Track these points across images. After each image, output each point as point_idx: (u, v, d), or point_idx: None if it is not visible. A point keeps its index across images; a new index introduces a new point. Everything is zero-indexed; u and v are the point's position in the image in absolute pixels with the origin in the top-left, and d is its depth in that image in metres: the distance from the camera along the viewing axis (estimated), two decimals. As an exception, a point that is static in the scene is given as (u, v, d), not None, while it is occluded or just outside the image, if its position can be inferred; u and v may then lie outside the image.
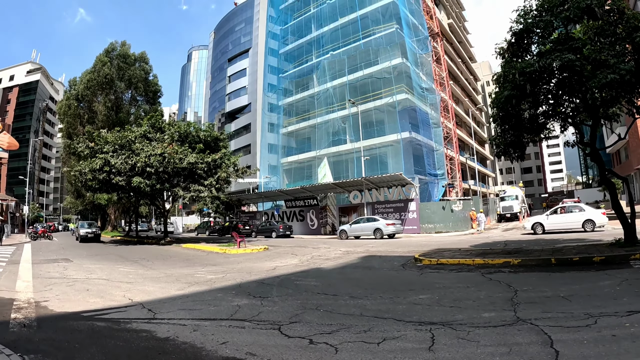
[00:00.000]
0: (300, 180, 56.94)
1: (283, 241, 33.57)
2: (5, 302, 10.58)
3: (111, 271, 16.85)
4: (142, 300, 10.40)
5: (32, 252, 28.75)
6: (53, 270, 17.36)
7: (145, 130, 35.29)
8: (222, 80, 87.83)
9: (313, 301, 9.66)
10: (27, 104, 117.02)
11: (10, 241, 42.79)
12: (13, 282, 14.30)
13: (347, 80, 53.28)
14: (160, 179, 32.32)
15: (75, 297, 11.24)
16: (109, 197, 49.40)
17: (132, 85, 62.10)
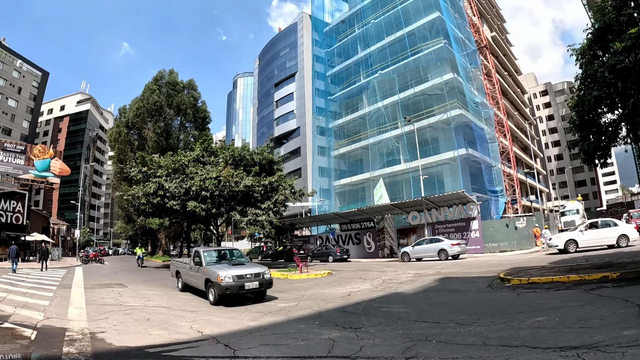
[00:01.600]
0: (354, 203, 55.46)
1: (342, 265, 31.99)
2: (56, 333, 9.52)
3: (170, 298, 15.79)
4: (214, 333, 9.15)
5: (84, 276, 28.20)
6: (107, 296, 16.45)
7: (198, 154, 34.63)
8: (270, 105, 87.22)
9: (417, 331, 8.37)
10: (77, 132, 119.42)
11: (61, 264, 42.56)
12: (64, 308, 13.30)
13: (399, 99, 51.94)
14: (215, 202, 31.34)
15: (136, 328, 10.08)
16: (160, 221, 49.11)
17: (181, 112, 62.20)
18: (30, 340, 8.82)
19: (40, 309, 13.07)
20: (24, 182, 52.73)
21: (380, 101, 54.51)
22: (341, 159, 62.18)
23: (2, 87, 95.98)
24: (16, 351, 8.27)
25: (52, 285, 20.61)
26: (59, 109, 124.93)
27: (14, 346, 8.65)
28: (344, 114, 62.40)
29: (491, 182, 48.23)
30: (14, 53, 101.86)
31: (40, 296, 16.18)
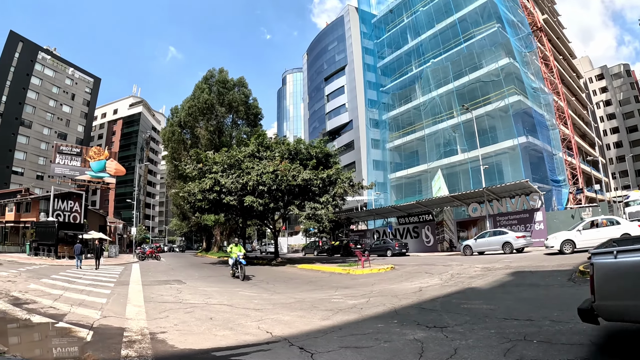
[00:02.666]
0: (411, 196, 54.41)
1: (402, 260, 30.96)
2: (114, 333, 8.95)
3: (231, 295, 15.12)
4: (285, 334, 8.39)
5: (141, 272, 28.06)
6: (166, 293, 15.99)
7: (253, 149, 34.23)
8: (320, 99, 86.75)
9: (510, 329, 7.51)
10: (131, 134, 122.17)
11: (118, 261, 43.15)
12: (122, 306, 12.82)
13: (454, 87, 50.70)
14: (273, 197, 30.90)
15: (199, 328, 9.39)
16: (216, 218, 49.27)
17: (233, 109, 62.34)
18: (86, 341, 8.33)
19: (97, 307, 12.66)
20: (80, 183, 53.95)
21: (434, 90, 53.39)
22: (396, 151, 61.17)
23: (56, 94, 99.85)
24: (71, 354, 7.85)
25: (110, 282, 20.42)
26: (112, 112, 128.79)
27: (68, 348, 8.21)
28: (397, 105, 61.37)
29: (553, 171, 46.47)
30: (66, 61, 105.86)
31: (98, 293, 15.89)
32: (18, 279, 20.21)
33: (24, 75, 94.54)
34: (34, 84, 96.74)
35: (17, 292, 15.58)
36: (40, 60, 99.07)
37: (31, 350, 8.24)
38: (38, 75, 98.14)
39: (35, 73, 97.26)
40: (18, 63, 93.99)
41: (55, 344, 8.54)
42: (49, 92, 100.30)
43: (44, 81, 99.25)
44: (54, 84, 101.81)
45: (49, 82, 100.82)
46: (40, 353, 8.10)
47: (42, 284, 18.85)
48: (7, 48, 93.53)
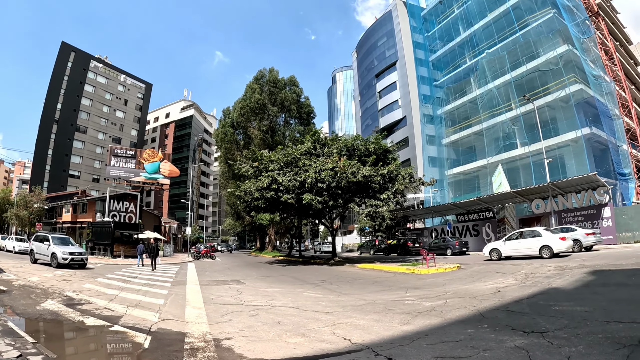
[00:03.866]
0: (469, 192, 53.07)
1: (464, 259, 29.79)
2: (174, 339, 8.35)
3: (295, 297, 14.38)
4: (366, 341, 7.57)
5: (197, 272, 27.74)
6: (226, 294, 15.36)
7: (309, 147, 33.59)
8: (372, 96, 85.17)
9: (620, 333, 6.72)
10: (183, 137, 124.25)
11: (173, 260, 43.52)
12: (181, 308, 12.25)
13: (511, 78, 48.89)
14: (332, 194, 30.11)
15: (267, 334, 8.61)
16: (271, 217, 49.05)
17: (285, 108, 62.04)
18: (143, 348, 7.74)
19: (154, 308, 12.19)
20: (135, 185, 54.90)
21: (490, 82, 51.68)
22: (452, 147, 59.61)
23: (109, 100, 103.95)
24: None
25: (166, 282, 20.12)
26: (164, 116, 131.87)
27: (123, 357, 7.71)
28: (451, 99, 59.84)
29: (619, 164, 44.29)
30: (117, 69, 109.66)
31: (154, 294, 15.49)
32: (73, 278, 20.06)
33: (78, 83, 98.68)
34: (87, 92, 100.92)
35: (72, 291, 15.28)
36: (92, 68, 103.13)
37: (83, 357, 7.81)
38: (91, 83, 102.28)
39: (88, 81, 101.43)
40: (71, 72, 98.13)
41: (110, 351, 8.01)
42: (102, 98, 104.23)
43: (97, 88, 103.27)
44: (107, 90, 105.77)
45: (102, 89, 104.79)
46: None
47: (97, 283, 18.66)
48: (60, 58, 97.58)
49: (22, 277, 19.47)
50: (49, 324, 9.84)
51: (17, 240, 45.08)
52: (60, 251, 25.63)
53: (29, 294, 14.34)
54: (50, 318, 10.33)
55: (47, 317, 10.38)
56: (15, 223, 68.00)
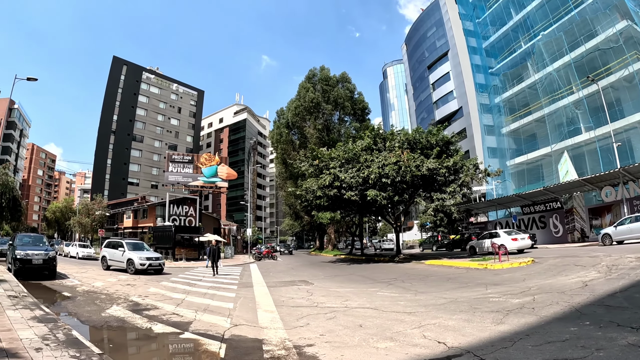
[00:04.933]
0: (534, 182, 50.89)
1: (535, 253, 27.95)
2: (251, 346, 7.76)
3: (370, 296, 13.59)
4: (462, 344, 6.88)
5: (262, 273, 27.28)
6: (296, 296, 14.74)
7: (369, 142, 32.57)
8: (426, 89, 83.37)
9: None
10: (237, 140, 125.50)
11: (234, 262, 43.34)
12: (253, 312, 11.67)
13: (570, 59, 46.37)
14: (397, 189, 29.11)
15: (351, 338, 7.89)
16: (332, 215, 48.43)
17: (339, 106, 61.57)
18: (219, 357, 7.16)
19: (224, 312, 11.63)
20: (193, 189, 55.78)
21: (549, 65, 49.30)
22: (513, 136, 57.37)
23: (163, 109, 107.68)
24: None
25: (232, 284, 19.64)
26: (217, 121, 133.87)
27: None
28: (508, 86, 57.62)
29: (692, 146, 41.59)
30: (169, 78, 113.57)
31: (222, 297, 14.96)
32: (137, 283, 19.91)
33: (132, 94, 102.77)
34: (141, 102, 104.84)
35: (137, 296, 15.01)
36: (145, 79, 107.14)
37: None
38: (144, 94, 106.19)
39: (141, 92, 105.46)
40: (125, 84, 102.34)
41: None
42: (156, 107, 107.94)
43: (150, 98, 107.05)
44: (160, 99, 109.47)
45: (155, 98, 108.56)
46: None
47: (162, 287, 18.38)
48: (113, 72, 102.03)
49: (86, 283, 19.44)
50: (115, 332, 9.44)
51: (81, 247, 46.43)
52: (137, 257, 25.21)
53: (93, 299, 14.10)
54: (116, 325, 9.95)
55: (113, 325, 9.99)
56: (78, 230, 70.59)
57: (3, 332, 7.68)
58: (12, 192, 53.86)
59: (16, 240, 22.52)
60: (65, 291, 16.33)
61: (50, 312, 10.35)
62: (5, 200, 51.39)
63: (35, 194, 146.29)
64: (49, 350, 6.61)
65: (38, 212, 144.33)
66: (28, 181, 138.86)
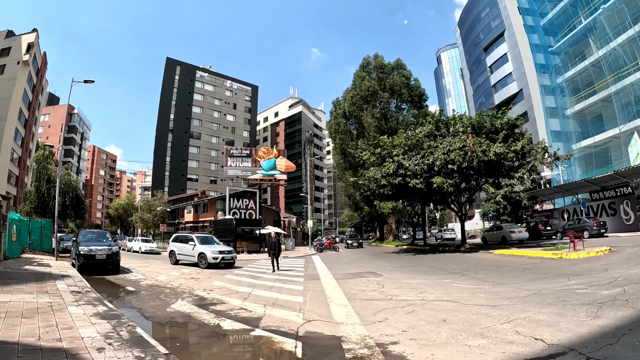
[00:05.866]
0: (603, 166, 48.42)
1: (606, 241, 26.35)
2: (329, 345, 7.19)
3: (445, 288, 12.87)
4: (562, 341, 6.21)
5: (326, 265, 26.72)
6: (367, 288, 14.04)
7: (431, 128, 31.35)
8: (483, 72, 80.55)
9: None
10: (293, 133, 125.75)
11: (296, 254, 43.20)
12: (325, 306, 11.06)
13: (635, 33, 43.36)
14: (463, 176, 27.99)
15: (437, 335, 7.23)
16: (393, 205, 47.65)
17: (395, 93, 60.17)
18: (295, 357, 6.61)
19: (295, 307, 11.08)
20: (252, 182, 56.12)
21: (613, 40, 46.62)
22: (577, 118, 54.75)
23: (218, 106, 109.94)
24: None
25: (298, 277, 19.12)
26: (273, 115, 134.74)
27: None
28: (570, 65, 55.12)
29: None
30: (223, 75, 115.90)
31: (290, 290, 14.45)
32: (201, 276, 19.71)
33: (187, 93, 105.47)
34: (197, 100, 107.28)
35: (201, 290, 14.65)
36: (199, 78, 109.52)
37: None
38: (199, 92, 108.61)
39: (196, 90, 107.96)
40: (179, 84, 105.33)
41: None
42: (211, 105, 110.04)
43: (205, 96, 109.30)
44: (215, 97, 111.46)
45: (210, 96, 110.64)
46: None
47: (226, 280, 18.02)
48: (167, 72, 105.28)
49: (149, 277, 19.45)
50: (182, 328, 9.12)
51: (143, 242, 47.68)
52: (210, 251, 24.65)
53: (157, 294, 13.88)
54: (182, 321, 9.62)
55: (178, 321, 9.66)
56: (140, 225, 72.74)
57: (64, 331, 7.40)
58: (75, 191, 56.04)
59: (80, 236, 22.97)
60: (128, 285, 16.30)
61: (113, 308, 10.10)
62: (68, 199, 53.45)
63: (98, 193, 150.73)
64: (111, 350, 6.26)
65: (101, 209, 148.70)
66: (91, 181, 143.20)
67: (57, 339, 6.75)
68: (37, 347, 6.23)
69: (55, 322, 8.15)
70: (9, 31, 66.86)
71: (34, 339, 6.72)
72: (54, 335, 7.03)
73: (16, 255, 26.02)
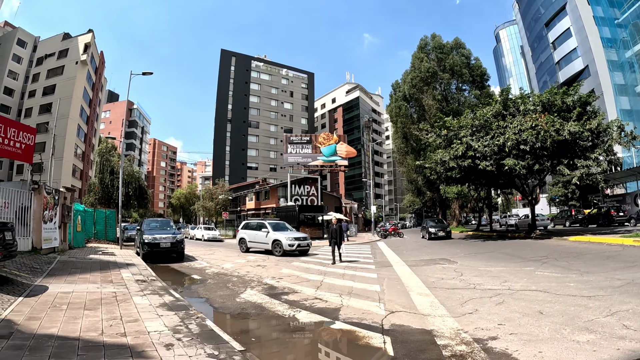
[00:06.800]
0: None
1: None
2: (421, 340, 6.47)
3: (529, 277, 12.01)
4: None
5: (393, 251, 25.82)
6: (445, 276, 13.22)
7: (499, 107, 29.75)
8: (545, 49, 76.58)
9: None
10: (352, 119, 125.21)
11: (359, 240, 42.74)
12: (405, 295, 10.29)
13: None
14: (537, 157, 26.50)
15: (539, 330, 6.47)
16: (459, 189, 46.98)
17: (455, 74, 58.66)
18: (387, 355, 5.90)
19: (373, 296, 10.35)
20: (313, 169, 56.00)
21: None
22: (649, 94, 51.76)
23: (275, 94, 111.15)
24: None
25: (368, 264, 18.31)
26: (330, 102, 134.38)
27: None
28: (638, 38, 52.19)
29: None
30: (278, 64, 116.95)
31: (363, 278, 13.69)
32: (267, 263, 19.33)
33: (243, 83, 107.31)
34: (253, 90, 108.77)
35: (270, 278, 14.20)
36: (254, 68, 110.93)
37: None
38: (255, 81, 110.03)
39: (252, 80, 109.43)
40: (235, 74, 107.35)
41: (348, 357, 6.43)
42: (268, 93, 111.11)
43: (262, 85, 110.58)
44: (272, 85, 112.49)
45: (267, 85, 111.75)
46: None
47: (294, 267, 17.56)
48: (223, 64, 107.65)
49: (214, 265, 19.29)
50: (256, 321, 8.53)
51: (205, 229, 48.98)
52: (285, 237, 23.77)
53: (225, 283, 13.52)
54: (254, 313, 9.05)
55: (250, 312, 9.14)
56: (203, 214, 74.52)
57: (129, 324, 7.03)
58: (138, 181, 57.67)
59: (144, 225, 23.30)
60: (194, 274, 16.14)
61: (180, 298, 9.81)
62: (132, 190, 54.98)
63: (160, 184, 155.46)
64: (181, 347, 5.81)
65: (163, 199, 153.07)
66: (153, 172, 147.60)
67: (121, 334, 6.40)
68: (99, 343, 5.87)
69: (119, 313, 7.85)
70: (65, 34, 69.61)
71: (96, 333, 6.38)
72: (118, 329, 6.68)
73: (81, 245, 26.70)
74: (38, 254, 17.38)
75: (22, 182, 19.50)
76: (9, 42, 68.28)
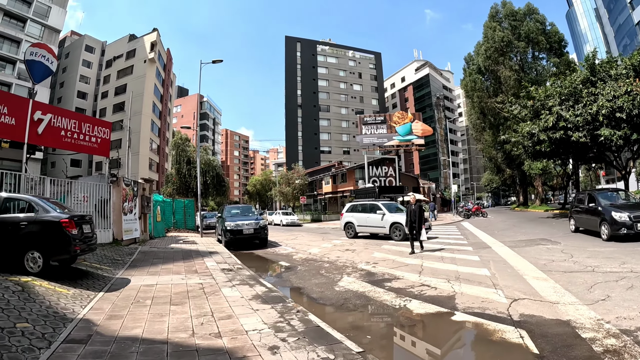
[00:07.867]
0: None
1: None
2: (562, 334, 5.60)
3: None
4: None
5: (483, 231, 24.75)
6: (554, 258, 12.09)
7: (586, 74, 27.71)
8: (623, 9, 70.70)
9: None
10: (423, 97, 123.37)
11: (441, 221, 42.08)
12: (520, 280, 9.35)
13: None
14: (633, 125, 24.34)
15: None
16: (543, 165, 44.89)
17: (531, 42, 55.88)
18: (530, 352, 5.05)
19: (484, 281, 9.49)
20: (388, 149, 55.04)
21: None
22: None
23: (343, 77, 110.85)
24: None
25: (462, 246, 17.24)
26: (399, 80, 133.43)
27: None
28: None
29: None
30: (343, 46, 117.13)
31: (465, 261, 12.77)
32: (355, 247, 18.62)
33: (310, 68, 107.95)
34: (321, 73, 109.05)
35: (364, 263, 13.39)
36: (320, 52, 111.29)
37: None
38: (322, 65, 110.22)
39: (319, 64, 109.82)
40: (302, 60, 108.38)
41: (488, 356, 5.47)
42: (336, 76, 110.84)
43: (329, 69, 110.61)
44: (339, 68, 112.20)
45: (334, 68, 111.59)
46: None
47: (385, 251, 16.73)
48: (288, 50, 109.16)
49: (300, 250, 18.88)
50: (364, 314, 7.59)
51: (284, 214, 49.56)
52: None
53: (317, 269, 12.86)
54: (360, 304, 8.13)
55: (355, 303, 8.22)
56: (280, 199, 75.12)
57: (222, 322, 6.45)
58: (215, 169, 58.51)
59: (225, 212, 23.06)
60: (281, 260, 15.69)
61: (273, 288, 9.24)
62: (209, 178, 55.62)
63: (234, 173, 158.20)
64: (287, 349, 5.11)
65: (238, 187, 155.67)
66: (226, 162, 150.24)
67: (215, 334, 5.80)
68: (191, 347, 5.27)
69: (209, 309, 7.34)
70: (130, 35, 71.87)
71: (186, 334, 5.81)
72: (210, 328, 6.11)
73: (162, 235, 27.35)
74: (119, 246, 17.64)
75: (100, 175, 19.91)
76: (78, 49, 71.18)
